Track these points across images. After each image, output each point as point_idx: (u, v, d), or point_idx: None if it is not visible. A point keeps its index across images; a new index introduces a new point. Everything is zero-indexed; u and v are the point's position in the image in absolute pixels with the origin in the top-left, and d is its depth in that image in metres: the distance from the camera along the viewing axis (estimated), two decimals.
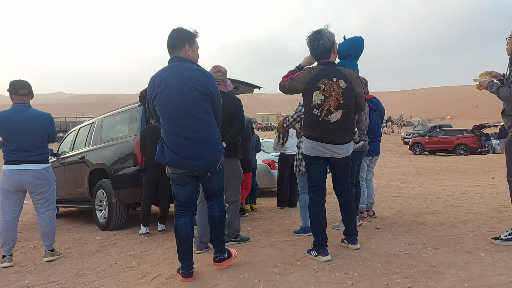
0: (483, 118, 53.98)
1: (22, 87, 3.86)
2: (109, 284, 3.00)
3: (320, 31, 3.01)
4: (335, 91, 2.94)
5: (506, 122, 3.33)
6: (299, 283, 2.58)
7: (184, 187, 2.79)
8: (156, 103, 2.76)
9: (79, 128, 6.82)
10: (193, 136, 2.70)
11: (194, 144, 2.70)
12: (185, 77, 2.70)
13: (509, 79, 3.18)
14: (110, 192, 5.21)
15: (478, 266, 2.76)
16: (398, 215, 5.03)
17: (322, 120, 2.98)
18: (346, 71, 3.01)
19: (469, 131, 20.88)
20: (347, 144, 3.06)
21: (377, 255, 3.12)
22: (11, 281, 3.41)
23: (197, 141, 2.70)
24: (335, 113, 2.96)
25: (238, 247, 3.62)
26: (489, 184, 8.42)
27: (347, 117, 3.01)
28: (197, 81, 2.72)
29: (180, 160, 2.70)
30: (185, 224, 2.79)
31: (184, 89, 2.68)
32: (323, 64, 3.03)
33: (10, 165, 3.79)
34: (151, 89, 2.75)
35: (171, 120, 2.71)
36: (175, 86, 2.68)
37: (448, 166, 13.46)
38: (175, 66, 2.76)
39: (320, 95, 2.96)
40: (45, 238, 4.01)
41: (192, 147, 2.70)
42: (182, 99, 2.68)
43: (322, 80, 2.95)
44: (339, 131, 2.99)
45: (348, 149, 3.09)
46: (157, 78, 2.74)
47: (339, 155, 3.07)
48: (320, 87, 2.95)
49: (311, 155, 3.10)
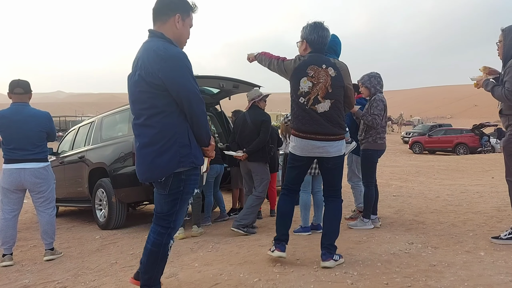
0: (483, 117, 54.00)
1: (18, 86, 3.87)
2: (109, 283, 3.00)
3: (327, 26, 2.93)
4: (324, 78, 2.81)
5: (504, 122, 3.34)
6: (299, 282, 2.58)
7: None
8: None
9: (79, 127, 6.81)
10: (138, 139, 2.18)
11: (138, 149, 2.18)
12: (139, 62, 2.12)
13: (503, 80, 3.21)
14: (110, 191, 5.21)
15: (478, 265, 2.76)
16: (398, 214, 5.03)
17: (309, 109, 2.83)
18: (336, 61, 2.91)
19: (469, 130, 20.89)
20: (338, 141, 2.87)
21: (377, 254, 3.12)
22: (11, 280, 3.42)
23: (141, 146, 2.16)
24: (323, 103, 2.81)
25: (239, 246, 3.63)
26: (489, 183, 8.42)
27: (336, 109, 2.84)
28: (146, 68, 2.08)
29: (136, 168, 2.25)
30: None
31: (134, 78, 2.14)
32: (313, 52, 2.91)
33: (9, 164, 3.80)
34: None
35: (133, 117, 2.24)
36: (131, 73, 2.18)
37: (448, 165, 13.47)
38: (143, 47, 2.18)
39: (308, 81, 2.83)
40: (45, 237, 4.01)
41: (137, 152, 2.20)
42: (130, 93, 2.17)
43: (311, 66, 2.84)
44: (328, 123, 2.81)
45: (339, 148, 2.89)
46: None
47: (330, 154, 2.86)
48: (309, 73, 2.82)
49: (299, 155, 2.92)
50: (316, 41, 2.88)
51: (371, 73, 4.18)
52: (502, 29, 3.29)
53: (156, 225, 2.24)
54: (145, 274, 2.24)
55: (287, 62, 2.97)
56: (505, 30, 3.25)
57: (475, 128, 20.52)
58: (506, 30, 3.25)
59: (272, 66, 3.08)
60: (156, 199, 2.27)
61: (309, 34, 2.89)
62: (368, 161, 4.14)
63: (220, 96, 6.47)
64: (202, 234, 4.51)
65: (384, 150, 4.21)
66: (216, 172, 5.20)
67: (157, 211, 2.27)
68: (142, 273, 2.26)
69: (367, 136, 4.11)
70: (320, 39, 2.88)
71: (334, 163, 2.92)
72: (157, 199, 2.26)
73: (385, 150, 4.25)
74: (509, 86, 3.11)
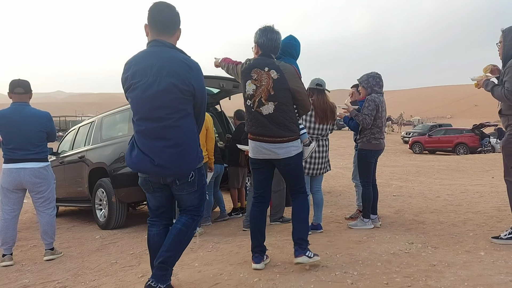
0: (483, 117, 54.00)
1: (18, 86, 3.88)
2: (109, 283, 3.00)
3: (278, 29, 2.92)
4: (266, 81, 2.81)
5: (504, 122, 3.35)
6: (299, 282, 2.58)
7: (153, 194, 2.46)
8: (128, 95, 2.37)
9: (79, 127, 6.82)
10: (164, 141, 2.30)
11: (165, 149, 2.30)
12: (165, 70, 2.26)
13: (503, 80, 3.22)
14: (110, 191, 5.21)
15: (478, 265, 2.76)
16: (398, 214, 5.03)
17: (254, 112, 2.85)
18: (281, 63, 2.88)
19: (469, 130, 20.89)
20: (286, 143, 2.84)
21: (377, 254, 3.12)
22: (11, 280, 3.42)
23: (168, 146, 2.30)
24: (267, 105, 2.81)
25: (239, 246, 3.63)
26: (489, 183, 8.42)
27: (281, 111, 2.82)
28: (178, 76, 2.28)
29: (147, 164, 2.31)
30: (157, 235, 2.47)
31: (162, 85, 2.26)
32: (261, 55, 2.93)
33: (9, 164, 3.80)
34: (125, 78, 2.36)
35: (143, 119, 2.32)
36: (151, 80, 2.26)
37: (448, 165, 13.47)
38: (155, 54, 2.30)
39: (252, 84, 2.85)
40: (45, 237, 4.01)
41: (162, 152, 2.30)
42: (157, 99, 2.27)
43: (254, 69, 2.86)
44: (274, 125, 2.81)
45: (288, 149, 2.85)
46: (132, 67, 2.32)
47: (279, 156, 2.85)
48: (253, 76, 2.85)
49: (254, 157, 2.96)
50: (265, 44, 2.90)
51: (371, 73, 4.19)
52: (502, 30, 3.32)
53: (186, 214, 2.45)
54: (167, 252, 2.34)
55: (239, 66, 3.03)
56: (505, 31, 3.28)
57: (475, 128, 20.52)
58: (506, 31, 3.27)
59: (230, 71, 3.14)
60: (182, 197, 2.44)
61: (259, 37, 2.91)
62: (363, 161, 4.17)
63: (220, 96, 6.48)
64: (202, 234, 4.51)
65: (380, 150, 4.21)
66: (216, 172, 5.20)
67: (186, 206, 2.46)
68: (163, 252, 2.34)
69: (361, 136, 4.16)
70: (268, 42, 2.89)
71: (285, 164, 2.91)
72: (183, 197, 2.43)
73: (382, 151, 4.25)
74: (509, 86, 3.12)
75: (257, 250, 2.94)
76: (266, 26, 2.91)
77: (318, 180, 4.13)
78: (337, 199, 6.62)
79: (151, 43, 2.35)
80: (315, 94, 3.96)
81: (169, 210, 2.53)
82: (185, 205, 2.47)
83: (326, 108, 3.92)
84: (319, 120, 3.89)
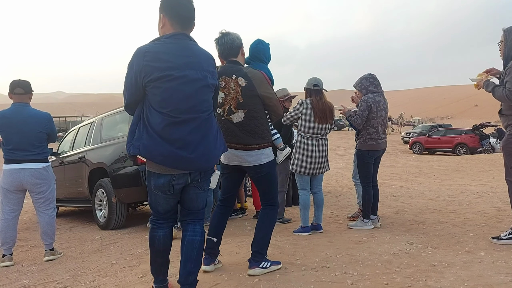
0: (483, 118, 54.00)
1: (18, 86, 3.88)
2: (109, 284, 3.00)
3: (227, 31, 2.91)
4: (234, 89, 2.79)
5: (504, 122, 3.35)
6: (299, 282, 2.58)
7: (167, 197, 2.31)
8: (157, 85, 2.18)
9: (79, 127, 6.81)
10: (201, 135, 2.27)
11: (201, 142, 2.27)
12: (203, 65, 2.29)
13: (504, 80, 3.21)
14: (110, 192, 5.21)
15: (478, 265, 2.76)
16: (398, 214, 5.03)
17: (225, 120, 2.82)
18: (248, 70, 2.84)
19: (469, 130, 20.89)
20: (256, 150, 2.80)
21: (377, 254, 3.13)
22: (11, 280, 3.42)
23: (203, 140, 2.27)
24: (237, 113, 2.78)
25: (238, 246, 3.63)
26: (489, 183, 8.42)
27: (252, 119, 2.78)
28: (209, 71, 2.33)
29: (177, 155, 2.19)
30: (164, 237, 2.39)
31: (203, 80, 2.27)
32: (228, 62, 2.90)
33: (9, 164, 3.80)
34: (152, 68, 2.16)
35: (181, 112, 2.21)
36: (189, 74, 2.22)
37: (448, 166, 13.47)
38: (188, 48, 2.26)
39: (221, 93, 2.81)
40: (45, 237, 4.01)
41: (200, 145, 2.26)
42: (192, 90, 2.24)
43: (222, 77, 2.83)
44: (244, 133, 2.78)
45: (259, 157, 2.81)
46: (162, 56, 2.19)
47: (249, 163, 2.82)
48: (221, 84, 2.80)
49: (225, 163, 2.93)
50: (222, 52, 2.90)
51: (363, 76, 4.22)
52: (503, 30, 3.31)
53: (196, 221, 2.43)
54: (196, 267, 2.36)
55: None
56: (507, 31, 3.27)
57: (475, 129, 20.52)
58: (507, 31, 3.26)
59: None
60: (198, 196, 2.39)
61: (216, 49, 2.91)
62: (361, 162, 4.19)
63: None
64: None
65: (378, 151, 4.20)
66: (217, 175, 5.19)
67: (197, 206, 2.41)
68: (193, 267, 2.34)
69: (359, 137, 4.21)
70: (222, 47, 2.87)
71: (256, 172, 2.87)
72: (199, 196, 2.39)
73: (381, 151, 4.25)
74: (510, 86, 3.11)
75: (207, 251, 2.92)
76: (219, 33, 2.90)
77: (318, 180, 4.14)
78: (337, 199, 6.62)
79: (178, 36, 2.26)
80: (313, 94, 3.96)
81: (176, 212, 2.46)
82: (197, 207, 2.41)
83: (325, 108, 3.93)
84: (319, 120, 3.90)
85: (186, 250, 2.34)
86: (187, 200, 2.39)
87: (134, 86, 2.21)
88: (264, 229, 2.89)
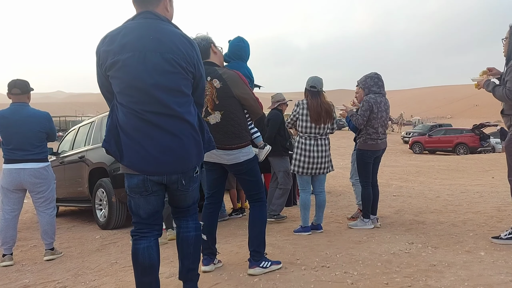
0: (483, 117, 54.00)
1: (15, 87, 3.87)
2: (109, 283, 3.00)
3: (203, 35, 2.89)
4: (209, 91, 2.78)
5: (506, 122, 3.33)
6: (299, 282, 2.58)
7: (147, 198, 2.05)
8: (113, 74, 1.94)
9: (79, 127, 6.81)
10: (167, 132, 1.98)
11: (167, 137, 1.98)
12: (164, 44, 1.93)
13: (504, 79, 3.19)
14: (110, 191, 5.21)
15: (478, 265, 2.76)
16: (398, 214, 5.03)
17: None
18: (223, 71, 2.81)
19: (469, 130, 20.89)
20: (235, 150, 2.80)
21: (377, 254, 3.13)
22: (11, 280, 3.42)
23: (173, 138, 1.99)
24: (214, 114, 2.79)
25: (239, 246, 3.63)
26: (489, 183, 8.42)
27: (229, 120, 2.78)
28: (180, 52, 1.97)
29: (147, 158, 1.96)
30: (149, 249, 2.04)
31: (161, 61, 1.93)
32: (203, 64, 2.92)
33: (9, 164, 3.80)
34: (107, 53, 1.93)
35: (134, 101, 1.94)
36: (148, 54, 1.91)
37: (448, 165, 13.47)
38: (148, 25, 1.95)
39: None
40: (45, 237, 4.02)
41: (163, 141, 1.97)
42: (157, 77, 1.93)
43: None
44: (222, 134, 2.78)
45: (236, 156, 2.81)
46: (119, 38, 1.92)
47: (227, 162, 2.83)
48: None
49: (205, 160, 2.87)
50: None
51: (369, 74, 4.20)
52: (510, 26, 3.19)
53: (189, 216, 2.25)
54: (195, 263, 2.24)
55: None
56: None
57: (475, 128, 20.52)
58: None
59: None
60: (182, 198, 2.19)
61: None
62: (360, 161, 4.19)
63: None
64: None
65: (378, 151, 4.19)
66: None
67: (188, 204, 2.22)
68: (192, 264, 2.22)
69: (359, 136, 4.19)
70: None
71: (236, 170, 2.87)
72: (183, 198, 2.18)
73: (381, 151, 4.24)
74: (510, 86, 3.09)
75: (206, 252, 2.92)
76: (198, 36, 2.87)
77: (320, 181, 4.10)
78: (337, 199, 6.62)
79: (141, 14, 1.99)
80: (309, 96, 3.94)
81: (160, 216, 2.17)
82: (186, 205, 2.22)
83: (321, 110, 3.88)
84: (314, 121, 3.88)
85: (182, 248, 2.22)
86: (174, 200, 2.21)
87: (100, 75, 2.02)
88: (256, 227, 2.87)
